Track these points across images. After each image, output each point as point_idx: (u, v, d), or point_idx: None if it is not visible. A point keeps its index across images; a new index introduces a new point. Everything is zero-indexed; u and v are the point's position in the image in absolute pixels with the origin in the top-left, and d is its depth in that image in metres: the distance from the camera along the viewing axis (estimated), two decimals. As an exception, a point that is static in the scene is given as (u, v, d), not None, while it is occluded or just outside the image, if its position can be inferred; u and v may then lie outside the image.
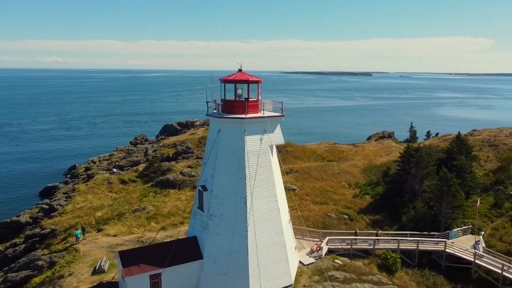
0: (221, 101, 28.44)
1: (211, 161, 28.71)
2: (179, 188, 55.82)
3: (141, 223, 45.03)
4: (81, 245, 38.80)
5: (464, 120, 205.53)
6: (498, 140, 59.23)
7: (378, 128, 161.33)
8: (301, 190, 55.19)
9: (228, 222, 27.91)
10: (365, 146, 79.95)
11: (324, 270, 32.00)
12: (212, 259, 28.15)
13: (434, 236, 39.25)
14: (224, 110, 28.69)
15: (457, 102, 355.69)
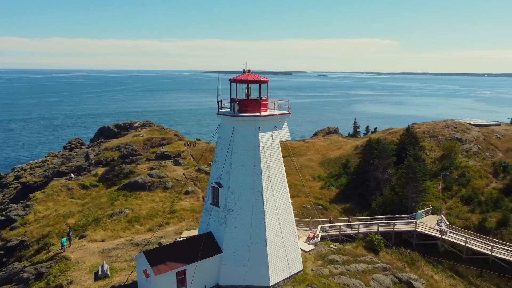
0: (237, 101, 29.64)
1: (225, 158, 29.83)
2: (149, 190, 55.11)
3: (124, 226, 44.21)
4: (69, 253, 37.34)
5: (385, 115, 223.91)
6: (437, 132, 67.10)
7: (312, 125, 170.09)
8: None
9: (246, 215, 29.31)
10: (315, 142, 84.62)
11: (324, 255, 34.75)
12: (231, 252, 29.35)
13: (404, 218, 44.02)
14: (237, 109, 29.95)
15: (373, 99, 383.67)
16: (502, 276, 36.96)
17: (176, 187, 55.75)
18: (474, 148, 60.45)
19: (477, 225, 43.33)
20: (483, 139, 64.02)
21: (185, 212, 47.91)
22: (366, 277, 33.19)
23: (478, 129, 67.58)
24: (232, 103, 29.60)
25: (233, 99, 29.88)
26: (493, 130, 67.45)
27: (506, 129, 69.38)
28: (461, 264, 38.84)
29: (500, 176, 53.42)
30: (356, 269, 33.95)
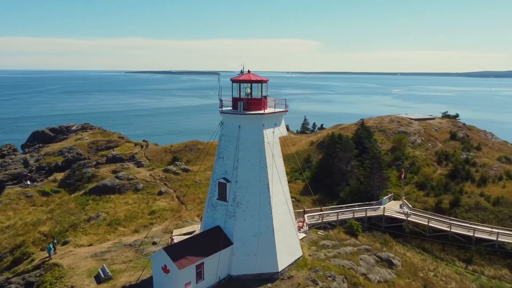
0: (244, 100, 31.21)
1: (231, 154, 31.28)
2: (119, 193, 54.08)
3: (107, 230, 43.45)
4: (58, 260, 36.16)
5: (319, 113, 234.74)
6: (384, 126, 73.59)
7: None
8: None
9: (254, 207, 31.08)
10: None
11: (316, 241, 37.61)
12: (241, 243, 30.94)
13: (373, 205, 48.51)
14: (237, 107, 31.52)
15: (302, 97, 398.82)
16: (461, 248, 42.70)
17: (147, 188, 55.33)
18: (418, 140, 67.54)
19: (434, 207, 49.17)
20: (423, 131, 71.61)
21: (165, 212, 48.05)
22: (355, 258, 36.61)
23: (418, 123, 75.34)
24: (239, 102, 31.13)
25: (239, 98, 31.44)
26: (430, 124, 75.66)
27: (440, 122, 78.17)
28: (426, 242, 44.05)
29: (444, 164, 60.55)
30: (345, 252, 37.25)
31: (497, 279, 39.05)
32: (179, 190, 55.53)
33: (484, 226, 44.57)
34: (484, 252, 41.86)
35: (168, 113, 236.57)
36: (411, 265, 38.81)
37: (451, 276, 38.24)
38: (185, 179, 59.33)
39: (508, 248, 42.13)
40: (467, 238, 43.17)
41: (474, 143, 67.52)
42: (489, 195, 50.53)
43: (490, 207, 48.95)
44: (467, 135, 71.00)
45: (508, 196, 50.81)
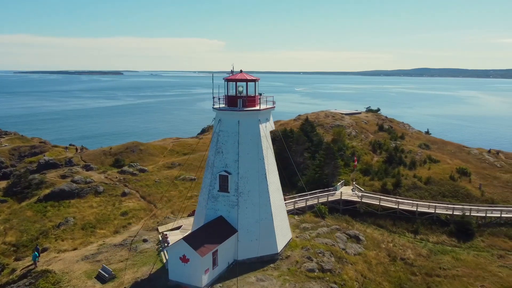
0: (242, 98, 33.68)
1: (231, 148, 33.61)
2: (79, 197, 52.30)
3: (84, 233, 42.59)
4: (46, 266, 35.05)
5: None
6: (321, 121, 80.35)
7: (166, 125, 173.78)
8: (201, 178, 61.02)
9: (255, 196, 33.86)
10: (210, 137, 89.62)
11: (296, 225, 41.51)
12: (245, 230, 33.52)
13: (330, 191, 53.93)
14: (236, 104, 33.98)
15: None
16: (408, 221, 49.94)
17: (108, 190, 54.25)
18: (353, 132, 75.32)
19: (380, 189, 56.19)
20: (356, 124, 79.85)
21: (138, 212, 48.21)
22: (332, 236, 41.27)
23: (349, 117, 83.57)
24: (238, 100, 33.56)
25: (239, 96, 33.88)
26: (359, 117, 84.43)
27: (367, 115, 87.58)
28: (379, 219, 50.57)
29: (378, 152, 68.76)
30: (323, 232, 41.75)
31: (440, 244, 46.76)
32: (141, 190, 55.44)
33: (423, 201, 52.58)
34: (426, 223, 49.56)
35: (80, 116, 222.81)
36: (373, 239, 44.66)
37: (406, 245, 44.93)
38: (145, 179, 59.18)
39: (443, 218, 50.43)
40: (412, 213, 50.63)
41: (398, 133, 77.41)
42: (420, 176, 59.25)
43: (423, 186, 57.56)
44: (391, 126, 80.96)
45: (435, 176, 60.06)
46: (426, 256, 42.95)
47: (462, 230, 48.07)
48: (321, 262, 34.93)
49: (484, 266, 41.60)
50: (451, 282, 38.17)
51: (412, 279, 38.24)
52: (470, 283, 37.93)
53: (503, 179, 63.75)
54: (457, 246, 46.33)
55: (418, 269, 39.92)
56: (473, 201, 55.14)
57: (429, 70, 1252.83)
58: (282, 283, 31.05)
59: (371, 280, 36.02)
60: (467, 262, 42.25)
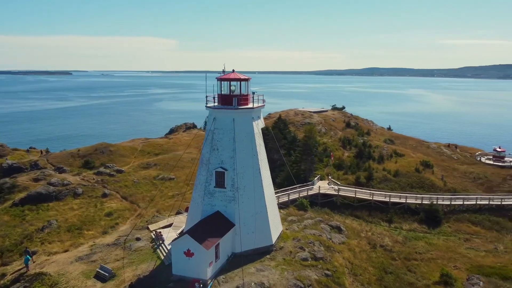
0: (236, 96, 34.89)
1: (226, 145, 34.76)
2: (58, 199, 51.23)
3: (72, 235, 42.09)
4: (39, 269, 34.60)
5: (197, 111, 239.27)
6: (291, 119, 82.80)
7: (124, 126, 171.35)
8: (179, 177, 61.53)
9: (250, 190, 35.24)
10: (180, 137, 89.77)
11: (284, 218, 43.33)
12: (242, 223, 34.82)
13: (308, 185, 56.25)
14: (230, 103, 35.17)
15: (172, 97, 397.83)
16: (382, 211, 53.20)
17: (87, 192, 53.51)
18: (322, 129, 78.39)
19: (354, 182, 59.26)
20: (324, 122, 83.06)
21: (123, 212, 48.11)
22: (317, 227, 43.48)
23: (317, 115, 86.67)
24: (234, 98, 34.77)
25: (233, 95, 35.07)
26: (327, 115, 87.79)
27: (333, 113, 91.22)
28: (355, 210, 53.49)
29: (348, 148, 72.15)
30: (309, 224, 43.89)
31: (412, 231, 50.32)
32: (121, 191, 55.10)
33: (395, 193, 56.18)
34: (399, 213, 53.04)
35: (31, 118, 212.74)
36: (353, 229, 47.39)
37: (383, 233, 48.05)
38: (123, 180, 58.78)
39: (413, 207, 54.19)
40: (385, 203, 53.98)
41: (364, 130, 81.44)
42: (389, 169, 63.04)
43: (393, 178, 61.33)
44: (357, 123, 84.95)
45: (402, 169, 64.10)
46: (402, 243, 46.20)
47: (431, 217, 51.93)
48: (313, 252, 36.96)
49: (454, 249, 45.44)
50: (427, 264, 41.48)
51: (393, 263, 41.17)
52: (444, 264, 41.39)
53: (461, 170, 69.06)
54: (427, 233, 50.07)
55: (397, 254, 42.98)
56: (437, 191, 59.47)
57: (379, 70, 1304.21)
58: (280, 272, 32.70)
59: (358, 266, 38.55)
60: (439, 246, 45.94)
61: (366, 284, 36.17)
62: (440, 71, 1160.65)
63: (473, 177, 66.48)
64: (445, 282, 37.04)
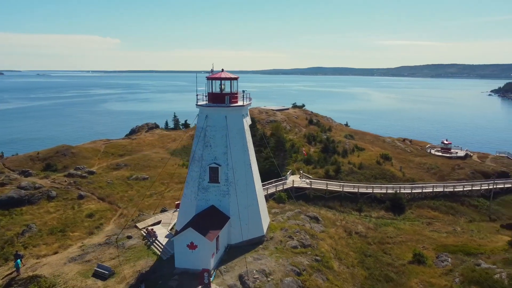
0: (228, 95, 36.35)
1: (219, 142, 36.15)
2: (30, 203, 49.61)
3: (57, 238, 41.36)
4: (31, 272, 34.04)
5: (147, 112, 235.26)
6: (257, 117, 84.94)
7: (72, 127, 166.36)
8: (153, 177, 61.59)
9: (242, 184, 36.92)
10: (143, 138, 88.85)
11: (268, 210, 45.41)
12: (236, 216, 36.38)
13: (283, 179, 58.74)
14: (221, 101, 36.60)
15: (118, 97, 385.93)
16: (352, 201, 56.92)
17: (62, 194, 52.19)
18: (287, 127, 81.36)
19: (324, 175, 62.67)
20: (288, 119, 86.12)
21: (104, 213, 47.72)
22: (299, 218, 46.03)
23: (280, 113, 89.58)
24: (226, 97, 36.21)
25: (225, 93, 36.49)
26: (289, 113, 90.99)
27: (295, 111, 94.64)
28: (327, 201, 56.79)
29: (313, 143, 75.65)
30: (291, 215, 46.31)
31: (380, 218, 54.46)
32: (97, 192, 54.37)
33: (362, 184, 60.24)
34: (367, 202, 57.06)
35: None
36: (328, 219, 50.54)
37: (356, 221, 51.65)
38: (96, 181, 57.87)
39: (379, 196, 58.46)
40: (354, 194, 57.80)
41: (326, 126, 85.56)
42: (354, 163, 67.26)
43: (358, 170, 65.54)
44: (318, 120, 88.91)
45: (364, 162, 68.60)
46: (374, 229, 50.01)
47: (396, 205, 56.45)
48: (301, 240, 39.37)
49: (419, 232, 49.96)
50: (399, 246, 45.44)
51: (369, 247, 44.67)
52: (414, 245, 45.53)
53: (416, 161, 75.04)
54: (394, 219, 54.43)
55: (371, 240, 46.60)
56: (397, 181, 64.47)
57: (323, 69, 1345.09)
58: (276, 260, 34.74)
59: (340, 251, 41.53)
60: (406, 230, 50.27)
61: (350, 267, 39.20)
62: (380, 71, 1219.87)
63: (427, 168, 72.54)
64: (418, 261, 40.96)
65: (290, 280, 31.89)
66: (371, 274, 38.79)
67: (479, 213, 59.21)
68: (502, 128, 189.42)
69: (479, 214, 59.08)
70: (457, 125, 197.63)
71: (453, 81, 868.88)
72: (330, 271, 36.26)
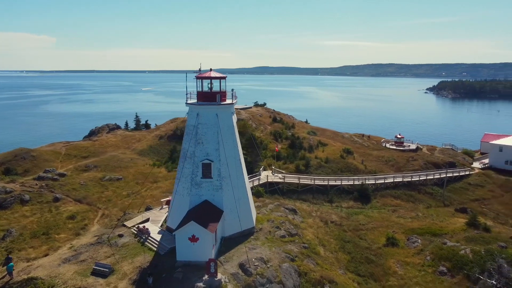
0: (219, 93, 37.79)
1: (211, 139, 37.58)
2: (3, 208, 47.84)
3: (42, 241, 40.59)
4: (25, 275, 33.56)
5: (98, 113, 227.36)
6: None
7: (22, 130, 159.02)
8: (126, 177, 61.29)
9: (233, 179, 38.61)
10: (106, 139, 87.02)
11: (251, 204, 47.38)
12: (229, 209, 38.03)
13: (257, 175, 60.88)
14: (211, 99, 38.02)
15: (59, 99, 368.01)
16: (323, 193, 60.30)
17: (36, 198, 50.68)
18: (253, 124, 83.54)
19: (295, 170, 65.60)
20: (253, 117, 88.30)
21: (86, 213, 47.23)
22: (280, 210, 48.44)
23: (244, 111, 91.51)
24: (217, 95, 37.66)
25: (216, 92, 37.91)
26: (252, 111, 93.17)
27: (258, 109, 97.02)
28: (300, 194, 59.76)
29: (279, 140, 78.51)
30: (273, 208, 48.60)
31: (350, 208, 58.24)
32: (71, 194, 53.40)
33: (331, 176, 63.86)
34: (337, 193, 60.71)
35: None
36: (304, 210, 53.47)
37: (329, 211, 55.01)
38: (69, 183, 56.66)
39: (347, 188, 62.38)
40: (325, 186, 61.25)
41: (289, 124, 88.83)
42: (321, 157, 70.91)
43: (325, 164, 69.22)
44: (281, 118, 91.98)
45: (330, 156, 72.50)
46: (346, 218, 53.59)
47: (363, 195, 60.58)
48: (288, 230, 41.80)
49: (387, 218, 54.24)
50: (372, 232, 49.27)
51: (346, 234, 48.05)
52: (385, 230, 49.53)
53: (374, 155, 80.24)
54: (362, 208, 58.46)
55: (346, 227, 50.07)
56: (361, 173, 68.90)
57: (269, 69, 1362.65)
58: (269, 248, 36.86)
59: (322, 239, 44.48)
60: (376, 217, 54.35)
61: (334, 252, 42.24)
62: (324, 70, 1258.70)
63: (385, 160, 77.88)
64: (392, 244, 44.90)
65: (287, 266, 34.16)
66: (353, 258, 42.09)
67: (435, 200, 64.94)
68: (442, 123, 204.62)
69: (435, 200, 64.80)
70: (402, 120, 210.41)
71: (391, 79, 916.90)
72: (318, 257, 39.02)
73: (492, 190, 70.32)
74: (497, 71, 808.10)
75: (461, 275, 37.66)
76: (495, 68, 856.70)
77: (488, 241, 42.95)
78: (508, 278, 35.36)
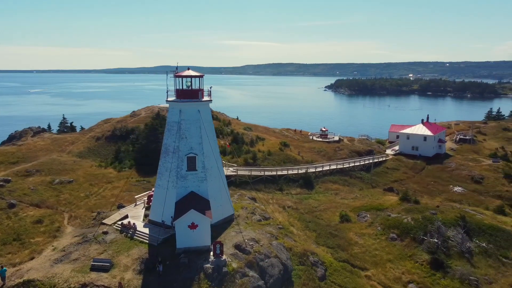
0: (200, 90, 40.19)
1: (194, 134, 39.98)
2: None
3: (18, 246, 39.09)
4: (19, 279, 32.89)
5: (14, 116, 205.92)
6: (163, 114, 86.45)
7: None
8: (77, 180, 59.61)
9: (215, 170, 41.53)
10: (32, 143, 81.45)
11: (220, 195, 50.38)
12: (214, 199, 40.77)
13: (211, 169, 63.58)
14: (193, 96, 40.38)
15: None
16: (273, 183, 65.40)
17: (-11, 205, 47.61)
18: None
19: (244, 163, 69.65)
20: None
21: (52, 216, 46.00)
22: (245, 199, 52.27)
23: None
24: (199, 92, 40.06)
25: (198, 90, 40.26)
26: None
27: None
28: (253, 185, 64.12)
29: (221, 136, 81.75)
30: (239, 197, 52.17)
31: (299, 194, 64.21)
32: (25, 199, 50.95)
33: (278, 167, 69.24)
34: (285, 182, 66.24)
35: None
36: (261, 199, 57.99)
37: (283, 198, 60.30)
38: (18, 188, 53.66)
39: (292, 177, 68.34)
40: (273, 176, 66.42)
41: (226, 121, 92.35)
42: (263, 151, 76.01)
43: (269, 157, 74.43)
44: (216, 115, 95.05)
45: (271, 150, 77.97)
46: (299, 202, 59.32)
47: (307, 182, 67.03)
48: (261, 214, 45.94)
49: (333, 200, 61.23)
50: (325, 212, 55.61)
51: (305, 216, 53.66)
52: (335, 210, 56.22)
53: (306, 147, 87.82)
54: (309, 193, 64.82)
55: (303, 210, 55.74)
56: (300, 163, 75.54)
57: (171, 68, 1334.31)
58: (253, 230, 40.65)
59: (288, 221, 49.39)
60: (324, 200, 60.98)
61: (302, 231, 47.42)
62: (227, 69, 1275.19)
63: (317, 151, 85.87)
64: (346, 220, 51.61)
65: (276, 243, 38.34)
66: (319, 234, 47.71)
67: (364, 183, 74.08)
68: (346, 117, 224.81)
69: (364, 183, 73.94)
70: (311, 115, 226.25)
71: (291, 78, 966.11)
72: (293, 235, 43.82)
73: (406, 172, 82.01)
74: (382, 70, 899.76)
75: (408, 239, 45.49)
76: (381, 68, 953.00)
77: (422, 211, 51.86)
78: (445, 236, 43.91)
